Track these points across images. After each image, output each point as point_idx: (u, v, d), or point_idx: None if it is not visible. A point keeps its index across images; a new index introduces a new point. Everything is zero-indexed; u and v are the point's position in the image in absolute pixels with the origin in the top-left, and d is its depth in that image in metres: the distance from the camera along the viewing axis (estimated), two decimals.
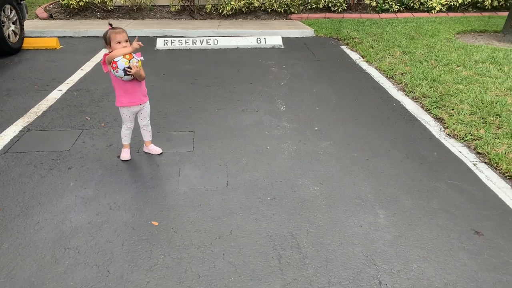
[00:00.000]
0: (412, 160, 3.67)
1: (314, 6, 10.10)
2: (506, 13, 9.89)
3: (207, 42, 7.53)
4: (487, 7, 9.98)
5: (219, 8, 10.09)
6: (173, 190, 3.21)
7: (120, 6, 10.29)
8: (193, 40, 7.54)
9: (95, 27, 8.69)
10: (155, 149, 3.80)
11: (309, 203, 3.04)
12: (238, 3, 9.86)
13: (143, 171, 3.48)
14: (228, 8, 9.86)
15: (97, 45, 7.61)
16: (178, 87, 5.53)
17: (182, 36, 8.14)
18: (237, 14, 10.17)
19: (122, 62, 3.20)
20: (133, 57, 3.28)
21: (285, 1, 9.93)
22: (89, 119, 4.50)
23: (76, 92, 5.31)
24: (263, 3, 10.21)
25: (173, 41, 7.48)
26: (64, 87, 5.48)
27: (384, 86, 5.54)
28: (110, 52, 3.30)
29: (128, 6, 10.25)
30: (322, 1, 9.92)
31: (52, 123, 4.39)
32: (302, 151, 3.82)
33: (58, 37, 7.94)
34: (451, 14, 9.86)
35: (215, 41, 7.55)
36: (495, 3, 9.94)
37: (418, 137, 4.10)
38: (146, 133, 3.75)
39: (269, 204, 3.03)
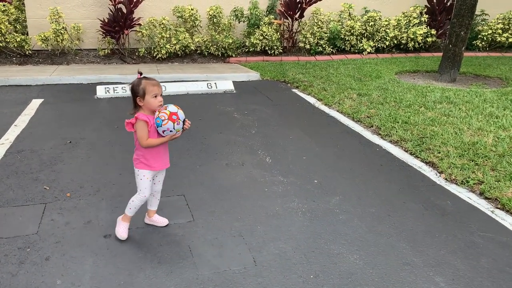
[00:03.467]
0: (432, 212, 3.47)
1: (251, 49, 9.99)
2: (427, 54, 10.67)
3: None
4: (410, 48, 10.67)
5: (153, 51, 9.55)
6: (194, 277, 2.62)
7: (39, 50, 9.28)
8: None
9: (16, 74, 7.66)
10: (161, 220, 3.19)
11: (359, 277, 2.65)
12: (174, 47, 9.41)
13: (144, 254, 2.84)
14: (163, 51, 9.37)
15: (24, 96, 6.64)
16: None
17: (122, 83, 7.45)
18: (172, 57, 9.71)
19: (181, 113, 2.72)
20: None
21: (222, 44, 9.70)
22: (48, 188, 3.71)
23: (19, 154, 4.43)
24: (199, 46, 9.88)
25: (115, 89, 6.79)
26: (0, 149, 4.56)
27: (356, 130, 5.43)
28: (142, 105, 2.73)
29: (48, 50, 9.28)
30: (259, 45, 9.86)
31: (0, 198, 3.52)
32: (316, 210, 3.44)
33: None
34: (380, 55, 10.37)
35: (163, 87, 6.95)
36: (416, 45, 10.66)
37: (421, 185, 3.95)
38: (155, 201, 3.14)
39: (316, 284, 2.58)
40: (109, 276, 2.60)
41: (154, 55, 9.52)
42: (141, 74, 2.75)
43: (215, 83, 7.27)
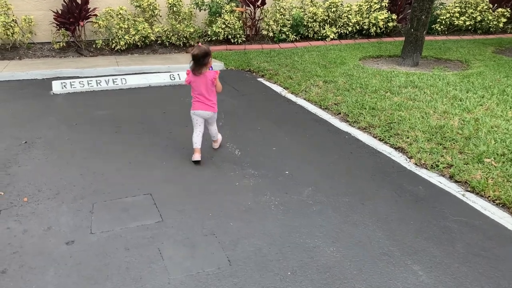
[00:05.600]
0: (405, 198, 3.45)
1: (214, 38, 9.77)
2: (389, 39, 10.76)
3: (113, 81, 6.66)
4: (372, 34, 10.72)
5: (111, 43, 9.17)
6: (166, 281, 2.47)
7: None
8: (96, 80, 6.60)
9: None
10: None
11: (337, 271, 2.58)
12: (133, 37, 9.07)
13: (111, 260, 2.66)
14: (122, 42, 9.01)
15: None
16: (102, 139, 4.65)
17: (79, 77, 7.11)
18: (131, 49, 9.35)
19: None
20: None
21: (183, 33, 9.43)
22: (2, 193, 3.45)
23: None
24: (159, 36, 9.57)
25: (72, 83, 6.45)
26: None
27: (324, 118, 5.37)
28: (209, 63, 3.86)
29: None
30: (222, 33, 9.65)
31: None
32: (289, 203, 3.35)
33: None
34: (343, 41, 10.37)
35: (123, 80, 6.71)
36: (378, 30, 10.72)
37: (392, 171, 3.93)
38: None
39: (294, 281, 2.49)
40: (72, 286, 2.42)
41: (113, 46, 9.15)
42: (199, 42, 3.66)
43: (178, 74, 7.04)
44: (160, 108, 5.70)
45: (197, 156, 3.95)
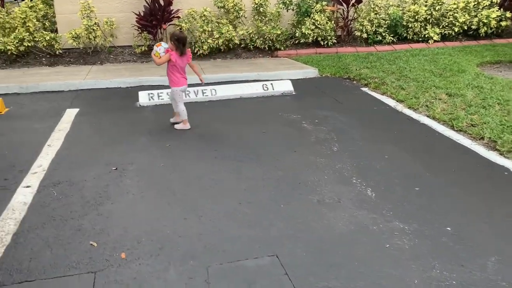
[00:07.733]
0: None
1: (302, 40, 8.90)
2: (502, 40, 9.35)
3: (203, 92, 5.99)
4: (481, 35, 9.35)
5: (193, 47, 8.57)
6: None
7: (70, 49, 8.45)
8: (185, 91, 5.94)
9: (46, 78, 6.82)
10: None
11: None
12: (216, 41, 8.42)
13: None
14: (205, 47, 8.40)
15: (57, 105, 5.78)
16: (200, 166, 3.93)
17: (164, 86, 6.50)
18: (214, 53, 8.72)
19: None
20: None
21: (269, 36, 8.64)
22: (95, 245, 2.79)
23: (55, 188, 3.54)
24: (243, 39, 8.85)
25: (160, 95, 5.86)
26: (33, 180, 3.68)
27: (463, 144, 4.34)
28: None
29: (80, 48, 8.44)
30: (311, 35, 8.75)
31: (35, 262, 2.62)
32: (472, 283, 2.42)
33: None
34: (447, 43, 9.12)
35: (213, 91, 6.03)
36: (488, 31, 9.33)
37: None
38: None
39: None
40: None
41: (195, 51, 8.56)
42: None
43: (271, 84, 6.25)
44: (258, 126, 4.92)
45: (189, 124, 4.79)
